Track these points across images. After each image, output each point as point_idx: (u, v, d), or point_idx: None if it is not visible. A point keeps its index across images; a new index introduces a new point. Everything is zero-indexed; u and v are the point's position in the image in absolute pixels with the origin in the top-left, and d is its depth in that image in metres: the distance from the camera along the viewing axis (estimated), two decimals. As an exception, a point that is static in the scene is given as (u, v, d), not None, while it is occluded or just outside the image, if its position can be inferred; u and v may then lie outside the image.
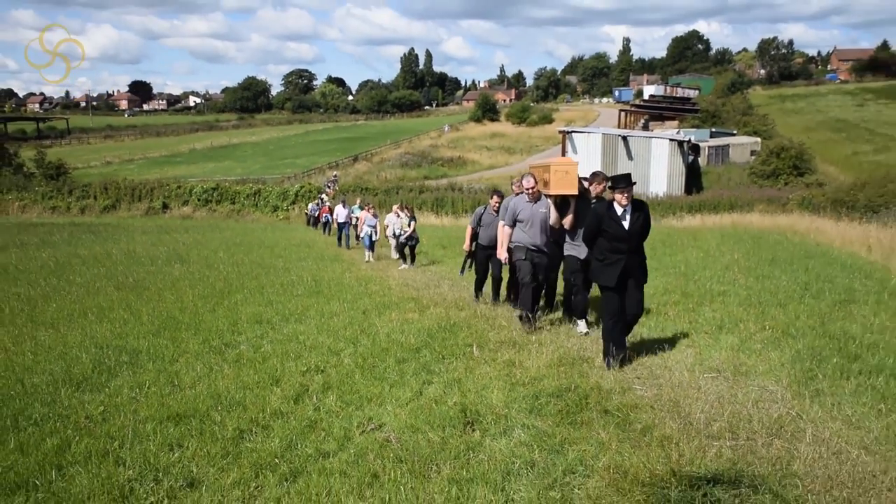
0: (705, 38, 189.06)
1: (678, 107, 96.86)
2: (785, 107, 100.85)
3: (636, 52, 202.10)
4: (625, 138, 54.37)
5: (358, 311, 11.22)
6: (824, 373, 7.56)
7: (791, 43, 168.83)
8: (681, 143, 52.95)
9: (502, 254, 10.57)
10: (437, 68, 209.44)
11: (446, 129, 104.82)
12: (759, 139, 67.05)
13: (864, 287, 13.76)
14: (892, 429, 6.08)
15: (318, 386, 7.22)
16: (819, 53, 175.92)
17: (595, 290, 9.39)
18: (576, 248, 9.74)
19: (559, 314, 11.08)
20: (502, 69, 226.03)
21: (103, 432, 5.96)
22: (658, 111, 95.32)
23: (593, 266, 8.24)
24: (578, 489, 4.79)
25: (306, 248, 26.39)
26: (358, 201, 25.57)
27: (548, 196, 9.95)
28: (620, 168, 51.59)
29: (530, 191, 9.99)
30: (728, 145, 65.21)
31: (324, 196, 45.07)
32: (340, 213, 28.13)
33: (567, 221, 9.81)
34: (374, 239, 22.47)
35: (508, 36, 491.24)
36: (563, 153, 55.86)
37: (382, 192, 51.64)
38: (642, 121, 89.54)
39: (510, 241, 10.26)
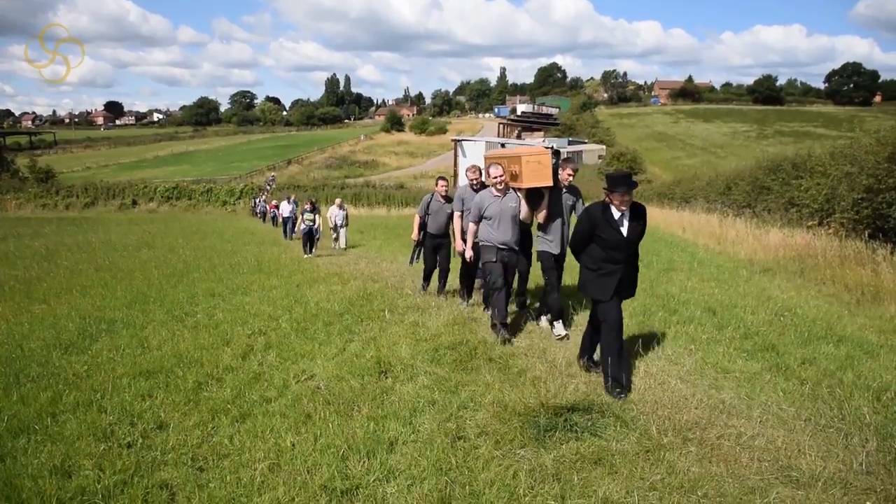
0: (563, 68, 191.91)
1: (543, 121, 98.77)
2: (622, 122, 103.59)
3: (511, 78, 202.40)
4: (503, 145, 54.14)
5: (292, 285, 11.03)
6: (652, 323, 7.83)
7: (625, 74, 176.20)
8: (550, 149, 53.60)
9: (461, 246, 8.30)
10: (354, 89, 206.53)
11: (362, 138, 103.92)
12: (604, 146, 69.36)
13: (680, 258, 14.36)
14: (698, 363, 6.37)
15: (261, 346, 7.09)
16: (645, 83, 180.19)
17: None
18: (548, 243, 7.61)
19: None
20: (406, 90, 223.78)
21: (88, 386, 5.77)
22: (528, 124, 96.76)
23: (584, 277, 5.90)
24: (469, 420, 4.83)
25: (250, 235, 25.88)
26: (337, 201, 21.64)
27: (518, 190, 7.54)
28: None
29: (498, 182, 7.33)
30: (581, 151, 66.85)
31: (266, 192, 44.19)
32: (285, 208, 24.42)
33: (541, 216, 7.59)
34: (315, 235, 18.41)
35: (410, 64, 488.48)
36: (455, 158, 56.00)
37: (311, 189, 51.01)
38: (516, 131, 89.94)
39: (475, 238, 7.69)
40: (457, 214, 8.59)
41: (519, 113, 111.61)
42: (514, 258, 7.56)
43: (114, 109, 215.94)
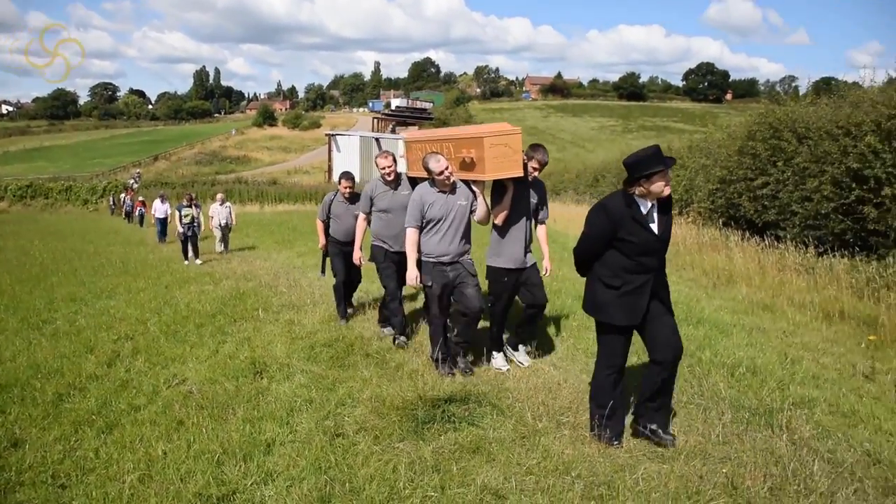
0: (436, 63, 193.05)
1: (418, 115, 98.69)
2: (495, 117, 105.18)
3: (385, 73, 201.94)
4: (377, 139, 54.67)
5: (161, 286, 10.56)
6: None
7: (498, 70, 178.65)
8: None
9: (360, 256, 7.21)
10: (224, 83, 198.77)
11: (233, 133, 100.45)
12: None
13: (552, 249, 14.68)
14: (570, 350, 6.61)
15: (128, 351, 6.73)
16: (517, 78, 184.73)
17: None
18: (503, 255, 5.88)
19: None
20: (279, 84, 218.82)
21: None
22: (403, 118, 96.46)
23: (600, 297, 4.40)
24: (348, 417, 4.78)
25: (114, 235, 24.52)
26: (219, 196, 17.77)
27: (474, 183, 5.75)
28: (375, 164, 51.94)
29: (445, 178, 5.56)
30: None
31: (132, 189, 41.97)
32: (158, 208, 20.74)
33: (500, 217, 5.82)
34: (196, 232, 15.45)
35: (282, 57, 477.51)
36: (329, 153, 55.34)
37: (180, 186, 48.92)
38: (391, 126, 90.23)
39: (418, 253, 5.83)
40: (361, 217, 6.98)
41: (393, 107, 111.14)
42: (465, 268, 5.73)
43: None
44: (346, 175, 7.92)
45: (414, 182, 6.65)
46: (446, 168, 5.55)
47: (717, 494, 3.70)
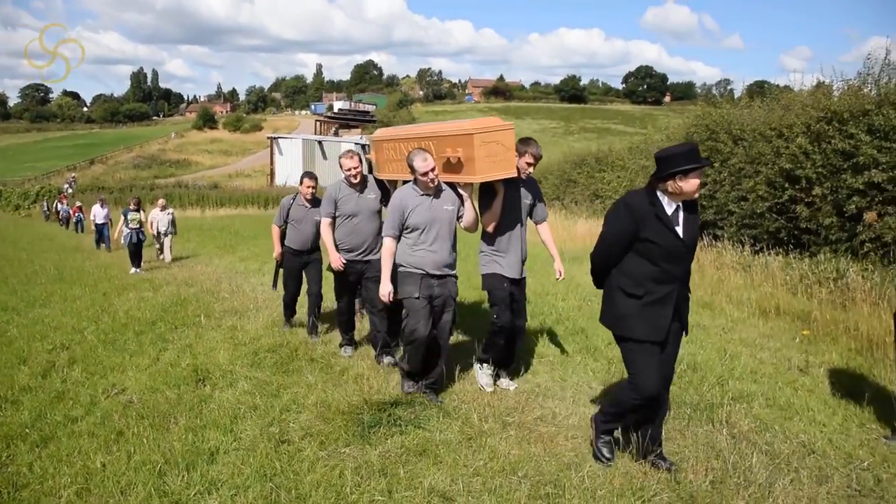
0: (379, 65, 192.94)
1: (361, 118, 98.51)
2: (438, 119, 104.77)
3: (327, 75, 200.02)
4: (320, 143, 54.19)
5: (99, 294, 10.27)
6: (470, 314, 8.05)
7: (440, 72, 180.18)
8: (363, 146, 53.63)
9: (338, 260, 6.16)
10: (163, 85, 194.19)
11: (173, 136, 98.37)
12: (419, 143, 70.12)
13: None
14: (516, 350, 6.65)
15: (64, 361, 6.49)
16: (459, 81, 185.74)
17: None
18: (500, 262, 5.32)
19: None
20: (219, 86, 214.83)
21: None
22: (346, 121, 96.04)
23: (620, 309, 3.94)
24: (293, 423, 4.73)
25: (48, 241, 23.70)
26: (161, 202, 16.59)
27: (461, 185, 5.16)
28: (318, 167, 51.44)
29: (429, 180, 4.96)
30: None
31: (67, 194, 40.64)
32: (98, 213, 19.41)
33: (491, 225, 5.27)
34: (142, 238, 14.54)
35: (222, 59, 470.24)
36: (272, 156, 54.62)
37: (118, 191, 47.61)
38: (334, 129, 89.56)
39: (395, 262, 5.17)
40: (326, 221, 6.26)
41: (336, 110, 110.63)
42: (448, 288, 5.18)
43: None
44: (309, 175, 7.21)
45: (381, 184, 6.27)
46: (433, 168, 4.95)
47: (661, 490, 3.78)
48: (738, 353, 6.81)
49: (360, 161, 6.23)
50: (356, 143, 54.08)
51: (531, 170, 5.35)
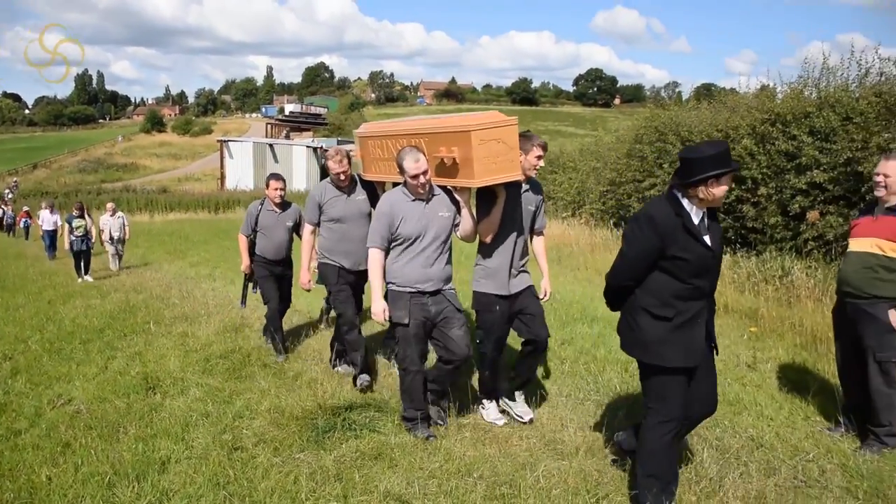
0: (330, 68, 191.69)
1: (312, 121, 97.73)
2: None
3: (278, 78, 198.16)
4: (271, 146, 53.81)
5: (43, 302, 9.99)
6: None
7: (392, 75, 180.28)
8: (315, 149, 53.44)
9: (307, 279, 5.85)
10: (108, 87, 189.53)
11: (120, 139, 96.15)
12: (372, 146, 70.03)
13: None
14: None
15: (6, 372, 6.29)
16: (411, 84, 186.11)
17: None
18: (492, 278, 4.68)
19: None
20: (167, 89, 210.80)
21: None
22: (297, 124, 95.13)
23: (649, 333, 3.48)
24: (246, 430, 4.66)
25: (-11, 248, 22.97)
26: (110, 206, 15.64)
27: (457, 190, 4.54)
28: (269, 171, 50.83)
29: (421, 183, 4.36)
30: (351, 150, 66.83)
31: (9, 201, 39.37)
32: (46, 219, 17.91)
33: (489, 234, 4.62)
34: (90, 245, 13.73)
35: (170, 61, 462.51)
36: (222, 160, 53.85)
37: (63, 195, 46.31)
38: (285, 132, 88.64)
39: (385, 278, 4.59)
40: (308, 229, 5.76)
41: (287, 113, 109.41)
42: (445, 306, 4.53)
43: None
44: (276, 176, 6.60)
45: (369, 186, 5.68)
46: (425, 171, 4.34)
47: (616, 488, 3.83)
48: (688, 351, 6.94)
49: (349, 162, 5.66)
50: (307, 147, 53.78)
51: (541, 163, 4.69)
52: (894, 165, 4.41)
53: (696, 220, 3.38)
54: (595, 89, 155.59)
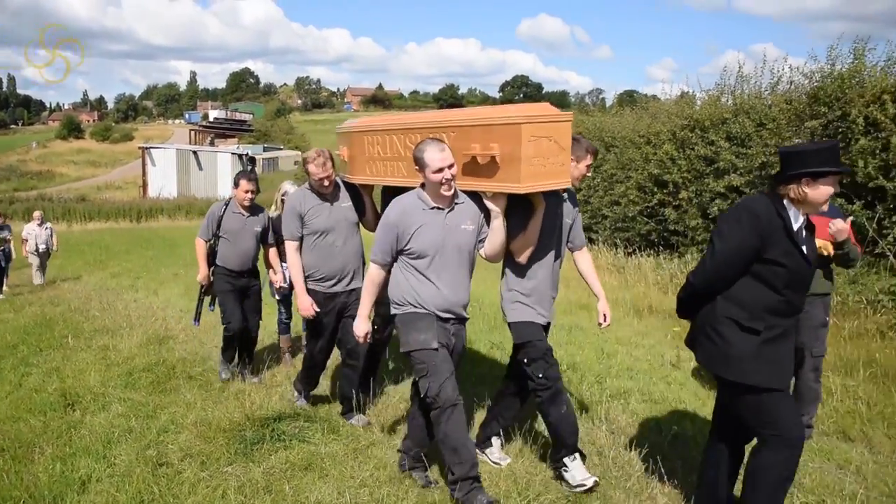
0: (256, 73, 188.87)
1: (237, 127, 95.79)
2: (317, 128, 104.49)
3: (201, 83, 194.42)
4: (195, 152, 52.70)
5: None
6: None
7: (319, 81, 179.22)
8: (241, 156, 52.59)
9: (307, 308, 4.80)
10: (21, 91, 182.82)
11: (34, 146, 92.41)
12: (300, 152, 69.22)
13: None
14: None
15: None
16: (338, 90, 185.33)
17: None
18: (533, 304, 3.95)
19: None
20: (85, 93, 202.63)
21: None
22: (221, 130, 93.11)
23: (736, 347, 3.07)
24: (172, 444, 4.51)
25: None
26: (37, 214, 14.48)
27: (490, 196, 3.63)
28: (193, 178, 49.80)
29: (444, 180, 3.53)
30: (277, 157, 65.97)
31: None
32: None
33: (524, 253, 3.85)
34: (11, 257, 13.01)
35: (87, 65, 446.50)
36: (144, 167, 52.32)
37: (-28, 206, 44.15)
38: (209, 138, 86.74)
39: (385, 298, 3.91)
40: (292, 245, 4.84)
41: (211, 119, 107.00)
42: (462, 341, 3.90)
43: None
44: (248, 177, 5.79)
45: (353, 190, 4.91)
46: (451, 164, 3.53)
47: (546, 489, 3.86)
48: (615, 352, 7.09)
49: (332, 164, 4.74)
50: (232, 154, 52.82)
51: (590, 174, 4.22)
52: None
53: (795, 226, 3.04)
54: (521, 95, 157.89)
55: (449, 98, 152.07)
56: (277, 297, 6.54)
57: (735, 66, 12.49)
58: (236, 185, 5.75)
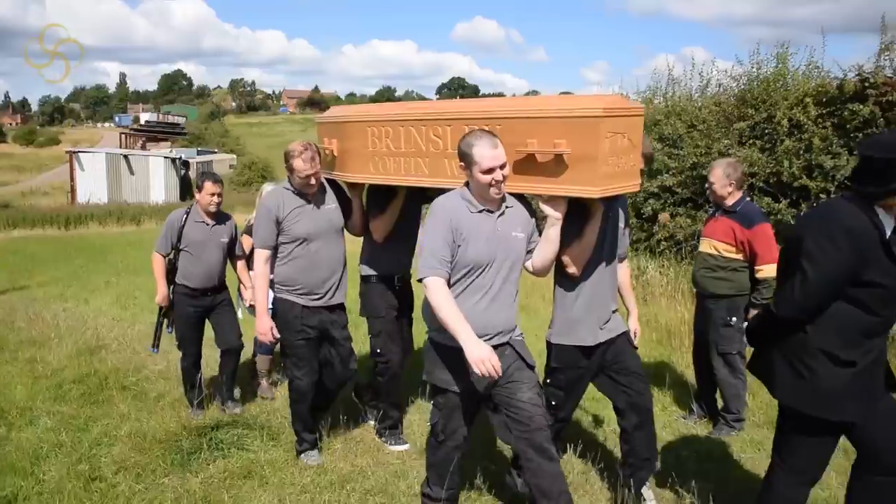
0: (188, 75, 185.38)
1: (170, 130, 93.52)
2: (252, 131, 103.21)
3: (132, 85, 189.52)
4: (126, 157, 51.17)
5: None
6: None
7: (254, 83, 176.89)
8: (174, 160, 51.39)
9: (266, 331, 4.23)
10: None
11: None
12: (235, 156, 68.48)
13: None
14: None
15: None
16: (273, 92, 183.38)
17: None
18: (583, 323, 3.51)
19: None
20: (7, 95, 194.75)
21: None
22: (153, 134, 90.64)
23: (827, 382, 2.65)
24: (105, 458, 4.37)
25: None
26: None
27: (548, 201, 3.17)
28: (124, 183, 48.44)
29: (495, 180, 2.98)
30: (212, 161, 64.46)
31: None
32: None
33: (580, 262, 3.42)
34: None
35: (9, 65, 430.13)
36: (72, 172, 50.58)
37: None
38: (140, 142, 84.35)
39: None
40: (262, 255, 4.17)
41: (143, 122, 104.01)
42: (515, 368, 3.22)
43: None
44: (213, 178, 5.04)
45: (338, 189, 4.40)
46: (503, 164, 3.01)
47: (483, 492, 3.89)
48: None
49: (319, 160, 4.07)
50: (165, 157, 51.61)
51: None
52: (718, 173, 4.80)
53: (888, 234, 2.60)
54: (458, 97, 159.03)
55: (386, 100, 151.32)
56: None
57: (666, 69, 12.83)
58: (199, 188, 4.96)
